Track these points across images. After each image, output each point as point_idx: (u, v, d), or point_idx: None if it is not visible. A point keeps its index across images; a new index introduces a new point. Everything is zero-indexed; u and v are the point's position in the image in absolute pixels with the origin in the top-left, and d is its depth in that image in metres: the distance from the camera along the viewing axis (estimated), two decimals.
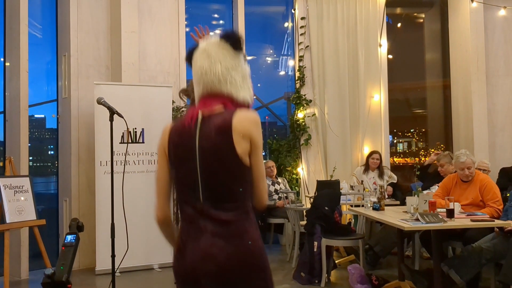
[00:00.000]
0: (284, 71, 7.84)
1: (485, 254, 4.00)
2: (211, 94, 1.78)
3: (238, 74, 1.78)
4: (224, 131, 1.68)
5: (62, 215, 5.89)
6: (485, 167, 5.83)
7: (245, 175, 1.72)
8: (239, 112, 1.73)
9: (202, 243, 1.68)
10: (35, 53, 6.00)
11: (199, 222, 1.71)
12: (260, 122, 1.76)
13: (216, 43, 1.79)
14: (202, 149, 1.71)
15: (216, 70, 1.75)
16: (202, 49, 1.80)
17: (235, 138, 1.68)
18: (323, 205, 4.96)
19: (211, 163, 1.70)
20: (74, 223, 2.00)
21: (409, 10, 8.32)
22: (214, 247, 1.66)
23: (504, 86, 7.34)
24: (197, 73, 1.80)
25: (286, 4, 7.65)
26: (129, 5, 5.97)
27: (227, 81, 1.76)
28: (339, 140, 7.07)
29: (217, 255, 1.66)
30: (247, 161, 1.71)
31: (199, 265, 1.68)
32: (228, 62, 1.77)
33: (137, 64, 5.98)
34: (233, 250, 1.66)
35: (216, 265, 1.66)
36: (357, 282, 4.49)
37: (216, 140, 1.69)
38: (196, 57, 1.81)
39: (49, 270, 1.75)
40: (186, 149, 1.73)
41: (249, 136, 1.70)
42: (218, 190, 1.71)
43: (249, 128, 1.70)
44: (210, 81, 1.76)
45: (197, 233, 1.70)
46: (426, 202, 3.96)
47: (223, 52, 1.77)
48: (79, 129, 5.83)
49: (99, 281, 5.18)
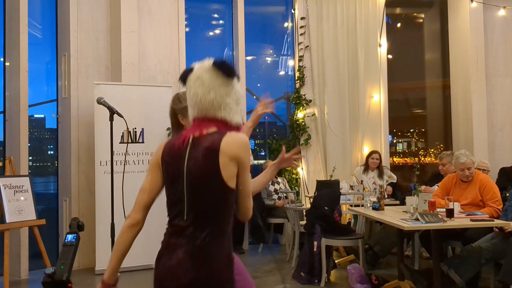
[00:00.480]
0: (284, 71, 7.85)
1: (485, 253, 4.00)
2: (205, 118, 1.83)
3: (232, 99, 1.84)
4: (211, 154, 1.74)
5: (62, 215, 5.89)
6: (485, 167, 5.84)
7: (228, 199, 1.77)
8: (228, 135, 1.78)
9: (172, 259, 1.74)
10: (35, 53, 6.00)
11: (178, 239, 1.76)
12: (249, 144, 1.83)
13: (210, 71, 1.83)
14: (189, 171, 1.77)
15: (210, 98, 1.81)
16: (196, 76, 1.84)
17: (222, 161, 1.73)
18: (323, 205, 4.96)
19: (196, 186, 1.76)
20: (75, 223, 2.01)
21: (409, 10, 8.33)
22: (181, 268, 1.72)
23: (504, 86, 7.35)
24: (191, 99, 1.85)
25: (286, 4, 7.66)
26: (129, 5, 5.97)
27: (221, 107, 1.82)
28: (339, 140, 7.07)
29: (181, 277, 1.71)
30: (233, 184, 1.76)
31: (165, 280, 1.75)
32: (222, 90, 1.82)
33: (137, 64, 5.99)
34: (196, 275, 1.71)
35: (177, 284, 1.72)
36: (357, 282, 4.49)
37: (203, 163, 1.75)
38: (191, 84, 1.86)
39: (49, 269, 1.76)
40: (175, 170, 1.80)
41: (236, 159, 1.75)
42: (201, 212, 1.76)
43: (237, 151, 1.75)
44: (205, 107, 1.82)
45: (173, 248, 1.76)
46: (426, 202, 3.97)
47: (217, 80, 1.82)
48: (79, 129, 5.83)
49: (99, 281, 5.14)
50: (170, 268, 1.74)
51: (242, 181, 1.79)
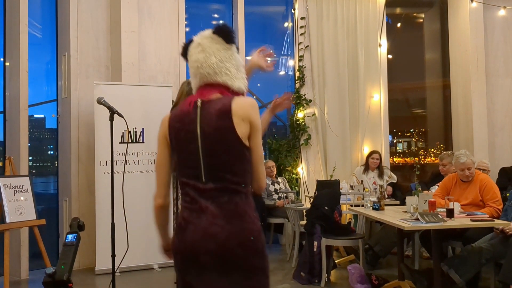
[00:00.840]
0: (284, 71, 7.84)
1: (485, 253, 4.00)
2: (207, 84, 1.87)
3: (232, 65, 1.87)
4: (224, 114, 1.77)
5: (62, 215, 5.89)
6: (485, 167, 5.83)
7: (245, 155, 1.79)
8: (237, 98, 1.82)
9: (203, 222, 1.75)
10: (35, 53, 6.00)
11: (200, 202, 1.77)
12: (257, 106, 1.85)
13: (210, 37, 1.88)
14: (203, 131, 1.78)
15: (211, 62, 1.84)
16: (196, 44, 1.89)
17: (235, 121, 1.76)
18: (323, 205, 4.96)
19: (213, 145, 1.77)
20: (75, 222, 2.01)
21: (409, 10, 8.33)
22: (215, 226, 1.73)
23: (504, 86, 7.35)
24: (193, 66, 1.89)
25: (286, 4, 7.66)
26: (129, 5, 5.97)
27: (222, 72, 1.85)
28: (339, 140, 7.07)
29: (217, 234, 1.72)
30: (247, 143, 1.79)
31: (199, 243, 1.74)
32: (222, 54, 1.86)
33: (137, 64, 5.99)
34: (233, 230, 1.73)
35: (216, 243, 1.72)
36: (357, 282, 4.49)
37: (217, 122, 1.77)
38: (191, 51, 1.90)
39: (50, 269, 1.76)
40: (188, 132, 1.81)
41: (248, 119, 1.78)
42: (220, 170, 1.77)
43: (249, 112, 1.79)
44: (206, 73, 1.85)
45: (199, 212, 1.77)
46: (426, 201, 3.96)
47: (217, 45, 1.86)
48: (79, 129, 5.83)
49: (99, 281, 5.18)
50: (203, 230, 1.74)
51: (254, 143, 1.81)
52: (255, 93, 7.51)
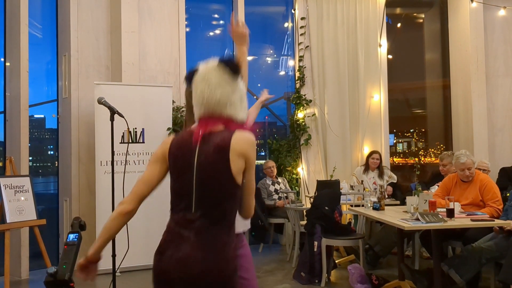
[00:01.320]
0: (284, 71, 7.85)
1: (485, 253, 4.00)
2: (212, 116, 1.89)
3: (236, 97, 1.90)
4: (222, 150, 1.81)
5: (62, 215, 5.90)
6: (485, 167, 5.83)
7: (235, 193, 1.84)
8: (238, 132, 1.85)
9: (182, 251, 1.77)
10: (35, 53, 6.00)
11: (184, 231, 1.80)
12: (255, 143, 1.90)
13: (215, 69, 1.89)
14: (200, 164, 1.83)
15: (217, 97, 1.87)
16: (202, 76, 1.90)
17: (232, 157, 1.80)
18: (323, 205, 4.96)
19: (207, 178, 1.82)
20: (77, 222, 2.02)
21: (409, 10, 8.33)
22: (191, 258, 1.75)
23: (504, 86, 7.35)
24: (198, 98, 1.90)
25: (286, 4, 7.66)
26: (129, 5, 5.97)
27: (227, 105, 1.88)
28: (339, 140, 7.08)
29: (192, 266, 1.75)
30: (239, 180, 1.83)
31: (174, 271, 1.77)
32: (228, 88, 1.88)
33: (137, 64, 5.99)
34: (206, 266, 1.75)
35: (190, 275, 1.75)
36: (357, 282, 4.49)
37: (213, 157, 1.81)
38: (197, 83, 1.91)
39: (51, 268, 1.76)
40: (185, 162, 1.85)
41: (244, 155, 1.83)
42: (210, 205, 1.81)
43: (246, 148, 1.83)
44: (212, 106, 1.88)
45: (180, 240, 1.79)
46: (426, 201, 3.97)
47: (222, 78, 1.88)
48: (79, 129, 5.84)
49: (100, 281, 5.16)
50: (178, 260, 1.76)
51: (247, 178, 1.87)
52: (255, 94, 7.51)
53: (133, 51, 5.96)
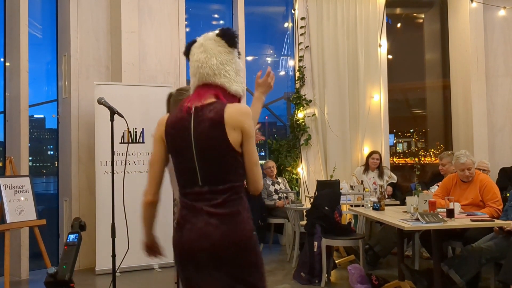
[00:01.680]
0: (284, 71, 7.85)
1: (485, 254, 4.00)
2: (205, 84, 1.93)
3: (231, 68, 1.93)
4: (217, 124, 1.83)
5: (62, 215, 5.89)
6: (485, 167, 5.83)
7: (238, 161, 1.87)
8: (229, 106, 1.87)
9: (199, 222, 1.84)
10: (35, 53, 6.01)
11: (197, 203, 1.87)
12: (250, 112, 1.89)
13: (213, 39, 1.94)
14: (197, 140, 1.86)
15: (212, 63, 1.90)
16: (199, 44, 1.95)
17: (228, 130, 1.83)
18: (323, 205, 4.96)
19: (207, 152, 1.86)
20: (77, 222, 2.02)
21: (409, 11, 8.33)
22: (210, 226, 1.82)
23: (504, 86, 7.35)
24: (193, 65, 1.95)
25: (286, 4, 7.66)
26: (129, 5, 5.97)
27: (221, 74, 1.91)
28: (339, 140, 7.08)
29: (212, 234, 1.81)
30: (239, 149, 1.86)
31: (195, 242, 1.83)
32: (223, 57, 1.92)
33: (137, 64, 5.99)
34: (226, 229, 1.81)
35: (211, 242, 1.81)
36: (357, 282, 4.49)
37: (209, 132, 1.84)
38: (194, 51, 1.97)
39: (51, 269, 1.76)
40: (183, 140, 1.88)
41: (240, 127, 1.84)
42: (214, 175, 1.86)
43: (240, 120, 1.84)
44: (205, 73, 1.91)
45: (195, 213, 1.86)
46: (426, 202, 3.97)
47: (219, 48, 1.92)
48: (79, 129, 5.83)
49: (100, 281, 5.18)
50: (199, 229, 1.83)
51: (247, 149, 1.87)
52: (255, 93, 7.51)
53: (133, 51, 5.96)
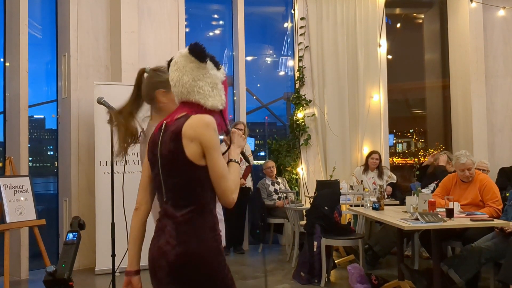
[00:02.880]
0: (284, 71, 7.85)
1: (485, 253, 4.00)
2: (182, 102, 1.92)
3: (206, 83, 1.89)
4: (175, 137, 1.82)
5: (62, 215, 5.89)
6: (485, 167, 5.84)
7: (199, 176, 1.82)
8: (192, 117, 1.84)
9: (161, 239, 1.83)
10: (35, 53, 6.01)
11: (162, 221, 1.87)
12: (212, 123, 1.82)
13: (185, 56, 1.90)
14: (161, 155, 1.86)
15: (184, 81, 1.88)
16: (174, 62, 1.93)
17: (184, 142, 1.80)
18: (323, 205, 4.96)
19: (168, 168, 1.85)
20: (76, 221, 2.02)
21: (409, 11, 8.34)
22: (168, 245, 1.80)
23: (503, 86, 7.36)
24: (170, 83, 1.94)
25: (285, 4, 7.66)
26: (129, 5, 5.97)
27: (194, 91, 1.88)
28: (339, 140, 7.08)
29: (169, 253, 1.79)
30: (202, 162, 1.82)
31: (156, 260, 1.84)
32: (195, 74, 1.88)
33: (137, 64, 5.98)
34: (182, 250, 1.78)
35: (167, 262, 1.80)
36: (357, 282, 4.49)
37: (169, 146, 1.83)
38: (170, 70, 1.94)
39: (50, 267, 1.76)
40: (153, 155, 1.90)
41: (198, 139, 1.80)
42: (176, 191, 1.84)
43: (198, 131, 1.80)
44: (180, 91, 1.90)
45: (159, 230, 1.87)
46: (426, 201, 3.97)
47: (190, 64, 1.88)
48: (79, 129, 5.83)
49: (99, 281, 5.18)
50: (159, 247, 1.83)
51: (210, 162, 1.81)
52: (255, 94, 7.52)
53: (132, 51, 5.96)
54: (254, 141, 7.98)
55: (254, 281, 5.05)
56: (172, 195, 1.84)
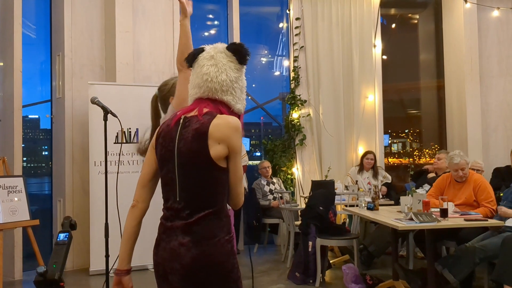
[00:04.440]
0: (279, 71, 7.85)
1: (479, 253, 4.01)
2: (209, 99, 1.83)
3: (238, 86, 1.85)
4: (200, 136, 1.73)
5: (56, 215, 5.87)
6: (479, 167, 5.86)
7: (219, 178, 1.76)
8: (218, 117, 1.77)
9: (172, 241, 1.76)
10: (29, 53, 5.98)
11: (173, 221, 1.78)
12: (240, 127, 1.78)
13: (224, 52, 1.84)
14: (180, 152, 1.77)
15: (221, 79, 1.81)
16: (209, 56, 1.84)
17: (210, 143, 1.72)
18: (318, 205, 4.96)
19: (187, 166, 1.76)
20: (67, 221, 2.00)
21: (403, 11, 8.36)
22: (182, 247, 1.74)
23: (498, 86, 7.38)
24: (201, 78, 1.83)
25: (281, 4, 7.66)
26: (123, 5, 5.95)
27: (229, 91, 1.82)
28: (334, 140, 7.09)
29: (183, 256, 1.73)
30: (223, 164, 1.76)
31: (167, 262, 1.77)
32: (232, 74, 1.83)
33: (132, 64, 5.97)
34: (198, 252, 1.72)
35: (181, 264, 1.73)
36: (352, 282, 4.49)
37: (192, 144, 1.75)
38: (203, 62, 1.84)
39: (41, 268, 1.74)
40: (167, 151, 1.80)
41: (226, 142, 1.74)
42: (193, 191, 1.77)
43: (226, 134, 1.74)
44: (213, 88, 1.81)
45: (170, 231, 1.78)
46: (420, 201, 3.98)
47: (230, 63, 1.83)
48: (73, 129, 5.81)
49: (93, 281, 5.16)
50: (171, 250, 1.75)
51: (232, 165, 1.78)
52: (250, 94, 7.51)
53: (127, 51, 5.94)
54: (250, 141, 7.98)
55: (249, 281, 5.04)
56: (188, 196, 1.77)
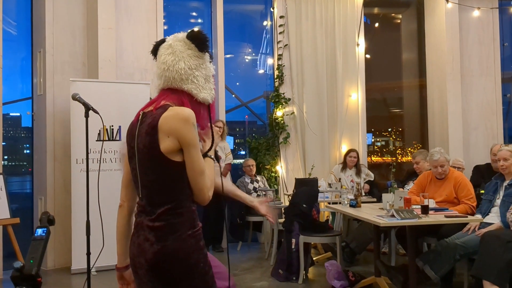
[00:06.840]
0: (263, 69, 7.85)
1: (459, 250, 4.07)
2: (170, 89, 1.80)
3: (201, 74, 1.80)
4: (151, 131, 1.71)
5: (37, 214, 5.79)
6: (460, 165, 5.95)
7: (174, 173, 1.72)
8: (170, 109, 1.72)
9: (140, 237, 1.77)
10: (10, 50, 5.89)
11: (141, 216, 1.80)
12: (191, 118, 1.70)
13: (183, 40, 1.81)
14: (138, 148, 1.76)
15: (179, 67, 1.77)
16: (168, 45, 1.82)
17: (160, 137, 1.69)
18: (301, 202, 4.98)
19: (144, 162, 1.75)
20: (45, 216, 1.97)
21: (387, 11, 8.43)
22: (147, 242, 1.74)
23: (478, 85, 7.49)
24: (160, 67, 1.82)
25: (265, 2, 7.66)
26: (106, 1, 5.89)
27: (189, 79, 1.78)
28: (317, 139, 7.12)
29: (147, 251, 1.74)
30: (178, 158, 1.71)
31: (136, 257, 1.79)
32: (192, 62, 1.79)
33: (114, 61, 5.91)
34: (160, 248, 1.72)
35: (145, 259, 1.74)
36: (334, 279, 4.52)
37: (145, 140, 1.72)
38: (161, 52, 1.83)
39: (18, 263, 1.72)
40: (130, 147, 1.81)
41: (175, 134, 1.68)
42: (151, 188, 1.76)
43: (175, 126, 1.68)
44: (172, 77, 1.78)
45: (139, 226, 1.79)
46: (401, 198, 4.02)
47: (188, 51, 1.80)
48: (54, 126, 5.74)
49: (75, 280, 5.11)
50: (139, 245, 1.77)
51: (188, 158, 1.71)
52: (234, 92, 7.51)
53: (109, 48, 5.88)
54: (234, 140, 7.97)
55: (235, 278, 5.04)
56: (148, 192, 1.76)
